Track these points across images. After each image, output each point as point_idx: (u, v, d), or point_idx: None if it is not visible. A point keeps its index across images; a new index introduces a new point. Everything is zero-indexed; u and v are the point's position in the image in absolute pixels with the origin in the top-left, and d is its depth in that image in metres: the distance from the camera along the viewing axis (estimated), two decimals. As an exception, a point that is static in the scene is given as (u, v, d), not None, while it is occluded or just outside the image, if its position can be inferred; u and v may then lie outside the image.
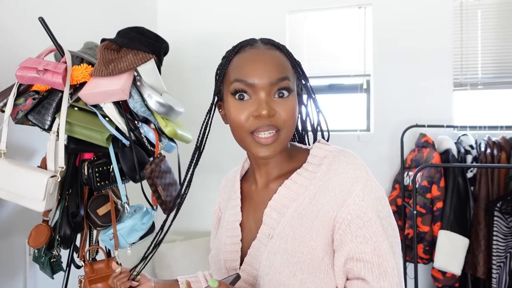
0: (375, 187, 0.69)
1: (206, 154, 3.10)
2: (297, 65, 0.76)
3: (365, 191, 0.67)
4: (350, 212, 0.66)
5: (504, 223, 1.93)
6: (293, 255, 0.67)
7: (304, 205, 0.71)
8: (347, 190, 0.67)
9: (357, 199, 0.66)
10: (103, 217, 1.35)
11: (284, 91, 0.70)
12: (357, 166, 0.70)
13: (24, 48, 1.53)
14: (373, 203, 0.66)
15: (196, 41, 2.70)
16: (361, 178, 0.68)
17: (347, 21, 2.55)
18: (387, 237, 0.66)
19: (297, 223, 0.70)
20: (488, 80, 2.36)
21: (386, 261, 0.64)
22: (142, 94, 1.32)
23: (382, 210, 0.67)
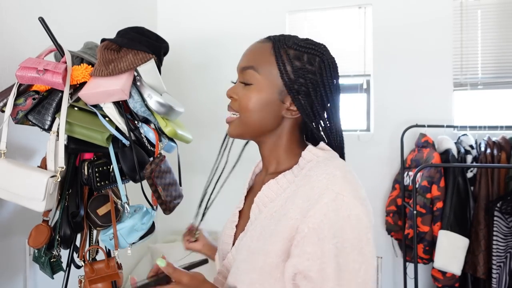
0: (347, 204, 0.61)
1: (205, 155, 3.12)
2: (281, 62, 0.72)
3: (330, 206, 0.61)
4: (308, 225, 0.61)
5: (504, 223, 1.93)
6: (253, 253, 0.68)
7: (277, 208, 0.70)
8: (314, 200, 0.62)
9: (319, 212, 0.61)
10: (103, 217, 1.35)
11: (246, 81, 0.74)
12: (333, 177, 0.64)
13: (24, 48, 1.53)
14: (335, 221, 0.60)
15: (196, 41, 2.70)
16: (331, 191, 0.62)
17: (347, 21, 2.55)
18: (338, 261, 0.59)
19: (266, 224, 0.69)
20: (488, 80, 2.36)
21: (326, 286, 0.59)
22: (142, 94, 1.32)
23: (344, 231, 0.60)
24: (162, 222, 2.72)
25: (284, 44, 0.74)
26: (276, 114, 0.74)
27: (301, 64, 0.72)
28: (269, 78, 0.72)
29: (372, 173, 2.42)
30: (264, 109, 0.73)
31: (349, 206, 0.61)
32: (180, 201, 1.47)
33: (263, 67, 0.73)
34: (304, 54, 0.73)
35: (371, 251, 0.61)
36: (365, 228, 0.61)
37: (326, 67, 0.73)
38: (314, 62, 0.73)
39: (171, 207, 1.40)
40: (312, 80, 0.72)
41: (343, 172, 0.65)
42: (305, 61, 0.72)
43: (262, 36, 0.79)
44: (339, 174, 0.65)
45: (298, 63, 0.72)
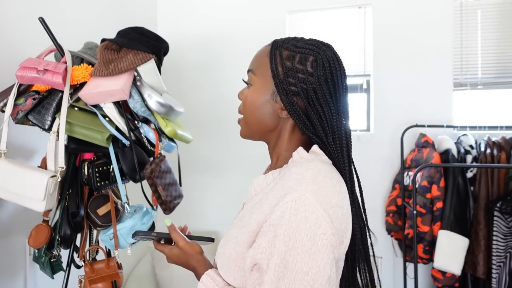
0: (307, 206, 0.60)
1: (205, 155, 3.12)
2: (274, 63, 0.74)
3: (290, 205, 0.61)
4: (269, 221, 0.63)
5: (504, 223, 1.93)
6: (227, 240, 0.73)
7: (256, 201, 0.73)
8: (280, 197, 0.64)
9: (280, 210, 0.62)
10: (103, 217, 1.35)
11: (248, 82, 0.80)
12: (302, 177, 0.64)
13: (24, 48, 1.53)
14: (291, 220, 0.60)
15: (196, 41, 2.70)
16: (295, 191, 0.62)
17: (347, 21, 2.55)
18: (285, 259, 0.59)
19: (244, 215, 0.74)
20: (488, 80, 2.36)
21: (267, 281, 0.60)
22: (142, 94, 1.32)
23: (299, 232, 0.59)
24: (162, 222, 2.72)
25: (281, 46, 0.76)
26: (272, 114, 0.77)
27: (291, 64, 0.73)
28: (264, 79, 0.76)
29: (372, 173, 2.42)
30: (260, 109, 0.77)
31: (309, 208, 0.60)
32: (180, 201, 1.47)
33: (260, 69, 0.77)
34: (297, 54, 0.74)
35: (325, 258, 0.59)
36: (322, 234, 0.59)
37: (319, 66, 0.72)
38: (305, 61, 0.73)
39: (171, 207, 1.40)
40: (303, 80, 0.72)
41: (314, 174, 0.65)
42: (296, 61, 0.73)
43: (261, 36, 0.79)
44: (309, 175, 0.65)
45: (288, 63, 0.73)
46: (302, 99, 0.72)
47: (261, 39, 2.66)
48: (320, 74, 0.72)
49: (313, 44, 0.75)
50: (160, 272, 2.32)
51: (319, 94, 0.72)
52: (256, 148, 2.73)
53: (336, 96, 0.73)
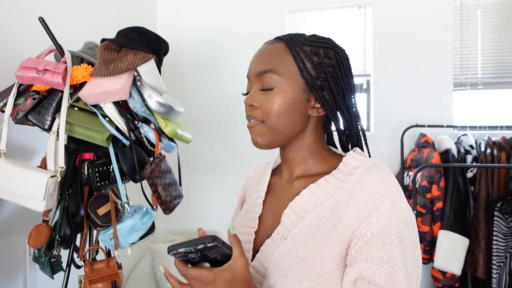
0: (405, 209, 0.63)
1: (205, 155, 3.12)
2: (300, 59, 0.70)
3: (392, 212, 0.62)
4: (371, 230, 0.61)
5: (504, 223, 1.93)
6: (303, 260, 0.65)
7: (325, 213, 0.67)
8: (373, 206, 0.62)
9: (383, 218, 0.61)
10: (103, 217, 1.35)
11: (266, 85, 0.71)
12: (389, 184, 0.66)
13: (24, 48, 1.53)
14: (398, 226, 0.62)
15: (196, 41, 2.70)
16: (391, 197, 0.63)
17: (347, 21, 2.55)
18: (406, 265, 0.60)
19: (314, 230, 0.67)
20: (488, 80, 2.36)
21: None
22: (142, 94, 1.32)
23: (408, 235, 0.62)
24: (162, 222, 2.72)
25: (298, 41, 0.73)
26: (303, 114, 0.72)
27: (320, 59, 0.71)
28: (290, 79, 0.70)
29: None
30: (291, 111, 0.70)
31: (406, 211, 0.64)
32: (180, 201, 1.47)
33: (282, 68, 0.71)
34: (320, 49, 0.72)
35: (420, 254, 0.65)
36: (416, 233, 0.65)
37: (342, 58, 0.73)
38: (330, 55, 0.72)
39: (171, 207, 1.40)
40: (332, 74, 0.71)
41: (394, 178, 0.68)
42: (322, 55, 0.72)
43: (262, 36, 0.78)
44: (393, 180, 0.67)
45: (316, 58, 0.71)
46: (333, 93, 0.72)
47: (261, 39, 2.65)
48: (346, 67, 0.73)
49: (324, 38, 0.75)
50: (160, 272, 2.32)
51: (344, 86, 0.72)
52: (256, 148, 2.73)
53: (355, 87, 0.75)
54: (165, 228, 2.75)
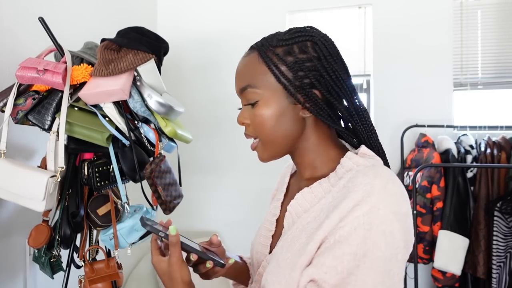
0: (381, 218, 0.55)
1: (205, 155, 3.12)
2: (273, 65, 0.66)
3: (362, 220, 0.55)
4: (335, 237, 0.56)
5: (504, 223, 1.93)
6: (280, 266, 0.62)
7: (310, 219, 0.64)
8: (347, 212, 0.57)
9: (349, 226, 0.55)
10: (103, 217, 1.35)
11: (249, 100, 0.69)
12: (371, 187, 0.57)
13: (24, 48, 1.53)
14: (365, 237, 0.54)
15: (196, 41, 2.70)
16: (367, 202, 0.55)
17: (347, 21, 2.55)
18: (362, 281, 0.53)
19: (297, 236, 0.64)
20: (488, 80, 2.36)
21: None
22: (142, 94, 1.32)
23: (378, 247, 0.54)
24: (162, 222, 2.72)
25: (269, 46, 0.68)
26: (296, 118, 0.68)
27: (294, 58, 0.66)
28: (270, 88, 0.67)
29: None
30: (281, 119, 0.67)
31: (384, 221, 0.55)
32: (180, 201, 1.47)
33: (259, 80, 0.68)
34: (293, 46, 0.67)
35: (399, 275, 0.55)
36: (397, 248, 0.55)
37: (321, 47, 0.67)
38: (306, 48, 0.67)
39: (171, 207, 1.40)
40: (312, 67, 0.66)
41: (384, 182, 0.57)
42: (297, 52, 0.67)
43: (262, 36, 0.77)
44: (378, 184, 0.57)
45: (291, 58, 0.66)
46: (319, 88, 0.66)
47: (261, 39, 2.67)
48: (326, 54, 0.67)
49: (299, 30, 0.69)
50: (160, 272, 2.32)
51: (332, 74, 0.66)
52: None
53: (347, 72, 0.70)
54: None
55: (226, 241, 2.67)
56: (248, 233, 2.64)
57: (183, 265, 0.67)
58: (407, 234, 0.57)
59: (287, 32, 0.70)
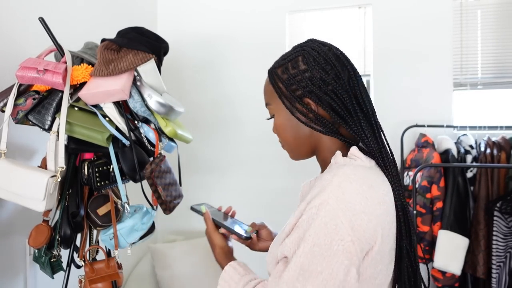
0: (328, 211, 0.62)
1: (205, 155, 3.11)
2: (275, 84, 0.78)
3: (314, 210, 0.64)
4: (298, 224, 0.66)
5: (504, 223, 1.93)
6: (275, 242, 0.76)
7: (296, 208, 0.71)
8: (308, 203, 0.66)
9: (307, 214, 0.65)
10: (103, 217, 1.35)
11: (270, 115, 0.84)
12: (328, 184, 0.66)
13: (24, 48, 1.53)
14: (313, 225, 0.63)
15: (196, 41, 2.70)
16: (320, 197, 0.64)
17: (347, 21, 2.55)
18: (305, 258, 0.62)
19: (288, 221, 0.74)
20: (488, 80, 2.36)
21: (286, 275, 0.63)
22: (142, 94, 1.32)
23: (318, 236, 0.62)
24: (162, 222, 2.72)
25: (273, 68, 0.81)
26: (303, 128, 0.78)
27: (288, 74, 0.76)
28: (277, 103, 0.80)
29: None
30: (288, 128, 0.79)
31: (329, 214, 0.62)
32: (180, 201, 1.47)
33: (270, 98, 0.81)
34: (288, 63, 0.77)
35: (339, 263, 0.61)
36: (340, 239, 0.61)
37: (309, 59, 0.74)
38: (296, 63, 0.76)
39: (171, 207, 1.40)
40: (301, 80, 0.74)
41: (340, 180, 0.66)
42: (290, 68, 0.76)
43: (261, 35, 0.79)
44: (335, 182, 0.66)
45: (285, 75, 0.77)
46: (311, 98, 0.74)
47: (261, 39, 2.67)
48: (313, 65, 0.74)
49: (296, 47, 0.79)
50: (160, 272, 2.32)
51: (321, 83, 0.73)
52: (256, 148, 2.74)
53: (341, 79, 0.74)
54: (165, 228, 2.75)
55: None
56: (248, 233, 2.64)
57: (216, 233, 0.92)
58: (359, 231, 0.63)
59: (289, 51, 0.81)
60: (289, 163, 0.93)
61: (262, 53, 2.57)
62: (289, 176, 2.47)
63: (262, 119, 2.61)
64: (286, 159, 0.88)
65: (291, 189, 2.21)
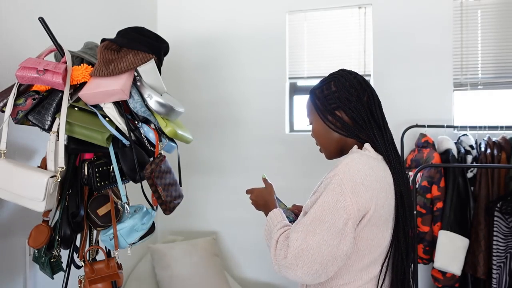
0: (337, 180, 0.89)
1: (205, 155, 3.12)
2: (313, 102, 1.07)
3: (329, 181, 0.91)
4: (317, 190, 0.95)
5: (504, 223, 1.93)
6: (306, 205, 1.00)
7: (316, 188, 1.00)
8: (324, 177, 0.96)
9: (323, 183, 0.93)
10: (103, 217, 1.35)
11: (310, 123, 1.12)
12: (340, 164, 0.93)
13: (24, 48, 1.53)
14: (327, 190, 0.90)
15: (196, 41, 2.70)
16: (333, 171, 0.92)
17: (347, 21, 2.55)
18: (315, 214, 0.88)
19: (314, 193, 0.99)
20: (488, 80, 2.36)
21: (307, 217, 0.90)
22: (142, 94, 1.32)
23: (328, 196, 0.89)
24: (162, 222, 2.72)
25: (314, 89, 1.09)
26: (330, 135, 1.05)
27: (323, 94, 1.05)
28: (314, 115, 1.08)
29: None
30: (322, 133, 1.07)
31: (337, 182, 0.89)
32: (180, 201, 1.47)
33: (309, 110, 1.11)
34: (323, 86, 1.06)
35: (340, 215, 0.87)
36: (343, 200, 0.88)
37: (338, 83, 1.03)
38: (329, 86, 1.04)
39: (171, 207, 1.40)
40: (332, 98, 1.02)
41: (348, 161, 0.93)
42: (325, 90, 1.05)
43: (261, 35, 0.79)
44: (344, 161, 0.93)
45: (321, 95, 1.05)
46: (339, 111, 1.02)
47: (261, 39, 2.67)
48: (340, 87, 1.02)
49: (330, 75, 1.08)
50: (160, 272, 2.32)
51: (346, 101, 1.01)
52: (256, 148, 2.74)
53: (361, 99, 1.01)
54: (165, 228, 2.75)
55: (226, 241, 2.67)
56: (248, 233, 2.65)
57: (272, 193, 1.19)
58: (358, 197, 0.89)
59: (326, 77, 1.09)
60: (289, 163, 0.94)
61: (262, 53, 2.57)
62: (289, 176, 2.47)
63: (262, 119, 2.62)
64: (286, 159, 0.90)
65: (291, 189, 2.21)
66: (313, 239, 0.85)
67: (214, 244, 2.54)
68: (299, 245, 0.86)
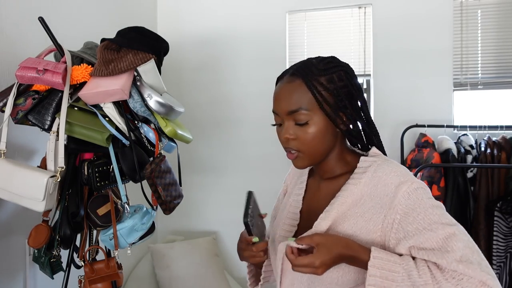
0: (420, 183, 0.78)
1: (205, 155, 3.12)
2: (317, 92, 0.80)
3: (410, 191, 0.76)
4: (398, 212, 0.76)
5: (504, 223, 1.93)
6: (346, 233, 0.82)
7: (349, 206, 0.82)
8: (392, 194, 0.77)
9: (403, 199, 0.76)
10: (103, 217, 1.35)
11: (300, 121, 0.82)
12: (400, 173, 0.80)
13: (24, 48, 1.53)
14: (421, 198, 0.76)
15: (196, 41, 2.70)
16: (405, 182, 0.78)
17: (347, 21, 2.55)
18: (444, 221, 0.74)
19: (340, 220, 0.81)
20: (488, 80, 2.36)
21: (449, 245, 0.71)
22: (142, 94, 1.32)
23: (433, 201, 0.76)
24: (162, 222, 2.72)
25: (313, 74, 0.82)
26: (333, 134, 0.85)
27: (335, 85, 0.82)
28: (315, 110, 0.81)
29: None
30: (325, 137, 0.83)
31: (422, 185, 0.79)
32: (180, 201, 1.47)
33: (308, 103, 0.81)
34: (333, 75, 0.83)
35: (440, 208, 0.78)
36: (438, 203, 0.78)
37: (351, 74, 0.85)
38: (342, 77, 0.83)
39: (171, 207, 1.40)
40: (347, 92, 0.83)
41: (402, 167, 0.83)
42: (336, 80, 0.83)
43: (261, 35, 0.78)
44: (403, 168, 0.82)
45: (332, 86, 0.82)
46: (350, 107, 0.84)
47: (261, 39, 2.67)
48: (355, 81, 0.86)
49: (332, 61, 0.86)
50: (160, 272, 2.32)
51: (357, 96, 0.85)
52: (256, 149, 2.74)
53: (361, 90, 0.87)
54: (165, 228, 2.75)
55: (225, 241, 2.67)
56: (248, 233, 2.64)
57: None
58: None
59: (321, 62, 0.85)
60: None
61: (262, 53, 2.57)
62: (289, 176, 2.46)
63: (262, 119, 2.62)
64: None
65: (291, 189, 2.21)
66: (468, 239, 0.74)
67: (214, 244, 2.54)
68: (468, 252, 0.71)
